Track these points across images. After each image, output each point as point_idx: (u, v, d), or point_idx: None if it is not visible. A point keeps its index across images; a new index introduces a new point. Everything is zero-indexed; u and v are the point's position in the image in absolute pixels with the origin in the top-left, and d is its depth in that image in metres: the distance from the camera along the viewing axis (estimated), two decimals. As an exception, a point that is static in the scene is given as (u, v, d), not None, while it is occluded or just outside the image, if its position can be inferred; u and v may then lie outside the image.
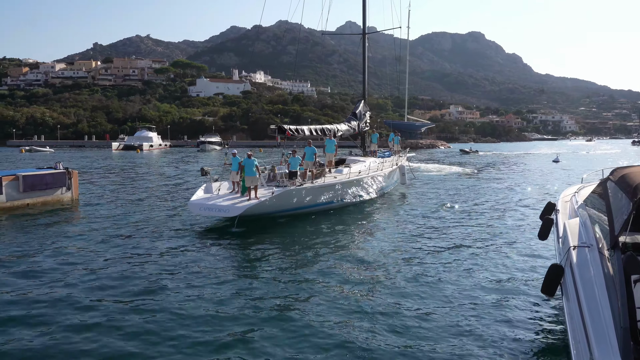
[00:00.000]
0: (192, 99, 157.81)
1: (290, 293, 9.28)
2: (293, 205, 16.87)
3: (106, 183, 30.02)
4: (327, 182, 18.26)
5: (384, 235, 14.80)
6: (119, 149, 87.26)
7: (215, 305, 8.56)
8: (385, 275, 10.48)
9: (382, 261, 11.62)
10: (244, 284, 9.87)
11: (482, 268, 11.10)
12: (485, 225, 16.26)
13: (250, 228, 15.11)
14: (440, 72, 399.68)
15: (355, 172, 20.17)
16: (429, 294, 9.33)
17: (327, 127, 23.07)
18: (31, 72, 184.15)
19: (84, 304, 8.69)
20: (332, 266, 11.14)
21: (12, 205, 18.94)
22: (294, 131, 20.10)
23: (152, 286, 9.61)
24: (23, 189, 19.36)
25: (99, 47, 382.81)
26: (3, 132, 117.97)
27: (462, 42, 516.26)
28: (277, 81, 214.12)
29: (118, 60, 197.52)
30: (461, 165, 49.16)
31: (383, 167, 22.92)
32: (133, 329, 7.61)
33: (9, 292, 9.35)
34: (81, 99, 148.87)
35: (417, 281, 10.08)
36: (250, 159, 16.36)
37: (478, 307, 8.65)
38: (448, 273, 10.66)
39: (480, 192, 25.87)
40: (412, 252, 12.56)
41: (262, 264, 11.43)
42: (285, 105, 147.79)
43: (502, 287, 9.76)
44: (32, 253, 12.36)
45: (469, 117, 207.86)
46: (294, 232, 15.13)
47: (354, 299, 8.99)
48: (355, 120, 26.10)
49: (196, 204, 15.81)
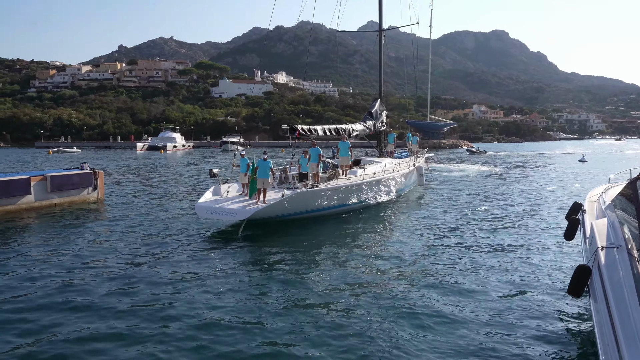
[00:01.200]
0: (214, 100, 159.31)
1: (300, 300, 8.93)
2: (304, 208, 16.19)
3: (131, 183, 30.48)
4: (340, 184, 17.65)
5: (400, 237, 14.48)
6: (143, 150, 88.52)
7: (214, 313, 8.30)
8: (403, 278, 10.28)
9: (400, 265, 11.36)
10: (248, 291, 9.52)
11: (506, 269, 10.94)
12: (508, 226, 16.02)
13: (259, 232, 14.72)
14: (463, 71, 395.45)
15: (370, 174, 19.54)
16: (452, 296, 9.21)
17: (342, 127, 22.23)
18: (58, 74, 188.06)
19: (98, 306, 8.84)
20: (344, 270, 10.88)
21: (41, 204, 19.38)
22: (307, 131, 19.37)
23: (157, 292, 9.38)
24: (51, 189, 19.79)
25: (124, 49, 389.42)
26: (32, 134, 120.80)
27: (485, 40, 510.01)
28: (299, 81, 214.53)
29: (142, 62, 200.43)
30: (484, 165, 48.56)
31: (399, 168, 22.28)
32: (135, 333, 7.65)
33: (29, 289, 9.57)
34: (106, 100, 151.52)
35: (438, 283, 9.95)
36: (266, 161, 15.96)
37: (503, 308, 8.53)
38: (470, 275, 10.51)
39: (503, 192, 25.47)
40: (431, 254, 12.33)
41: (270, 269, 11.08)
42: (307, 105, 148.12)
43: (527, 288, 9.60)
44: (56, 252, 12.61)
45: (492, 117, 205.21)
46: (304, 237, 14.55)
47: (371, 302, 8.86)
48: (371, 120, 25.30)
49: (203, 207, 15.38)
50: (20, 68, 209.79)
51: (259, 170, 15.77)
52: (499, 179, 33.25)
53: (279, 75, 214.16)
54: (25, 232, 15.20)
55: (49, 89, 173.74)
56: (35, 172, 21.01)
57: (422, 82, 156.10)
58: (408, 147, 29.89)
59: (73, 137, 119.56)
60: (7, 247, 13.12)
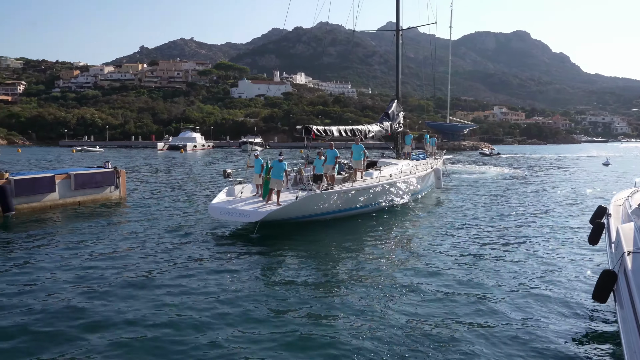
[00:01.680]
0: (234, 100, 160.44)
1: (315, 305, 8.72)
2: (318, 210, 15.86)
3: (151, 182, 30.85)
4: (355, 186, 17.25)
5: (416, 241, 14.20)
6: (164, 149, 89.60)
7: (225, 315, 8.21)
8: (418, 280, 10.12)
9: (415, 267, 11.12)
10: (261, 293, 9.35)
11: (528, 274, 10.78)
12: (529, 229, 15.75)
13: (272, 234, 14.45)
14: (484, 72, 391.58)
15: (386, 176, 19.15)
16: (472, 301, 9.08)
17: (358, 128, 21.73)
18: (82, 74, 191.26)
19: (113, 302, 8.97)
20: (358, 274, 10.64)
21: (65, 202, 19.73)
22: (322, 132, 18.94)
23: (168, 291, 9.37)
24: (74, 187, 20.14)
25: (145, 50, 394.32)
26: (56, 133, 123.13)
27: (506, 41, 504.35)
28: (318, 82, 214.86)
29: (163, 63, 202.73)
30: (503, 167, 48.03)
31: (416, 170, 21.91)
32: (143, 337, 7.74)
33: (55, 284, 9.76)
34: (128, 100, 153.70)
35: (457, 287, 9.82)
36: (281, 162, 15.71)
37: (525, 314, 8.41)
38: (490, 279, 10.33)
39: (523, 194, 25.10)
40: (449, 258, 12.05)
41: (283, 271, 10.91)
42: (325, 106, 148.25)
43: (551, 293, 9.45)
44: (80, 248, 12.83)
45: (513, 119, 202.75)
46: (318, 239, 14.23)
47: (386, 304, 8.79)
48: (387, 121, 24.71)
49: (216, 207, 15.22)
50: (45, 68, 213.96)
51: (273, 171, 15.58)
52: (519, 181, 32.81)
53: (297, 76, 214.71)
54: (50, 229, 15.49)
55: (72, 89, 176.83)
56: (59, 170, 21.39)
57: (441, 83, 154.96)
58: (426, 148, 29.31)
59: (96, 137, 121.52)
60: (33, 243, 13.39)
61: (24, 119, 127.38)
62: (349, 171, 18.85)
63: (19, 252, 12.43)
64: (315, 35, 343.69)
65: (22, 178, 18.35)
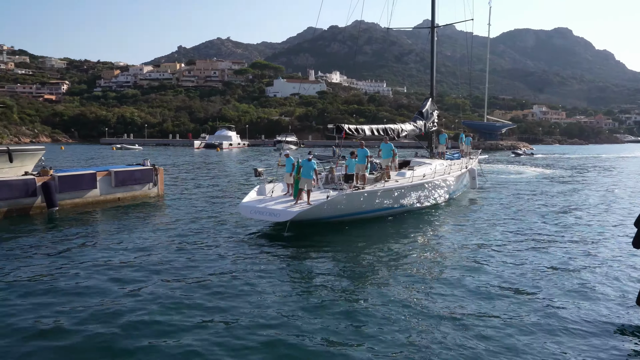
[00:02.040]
0: (269, 99, 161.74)
1: (342, 305, 8.62)
2: (349, 210, 15.68)
3: (188, 180, 31.41)
4: (388, 186, 16.92)
5: (449, 243, 13.78)
6: (200, 148, 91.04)
7: (253, 315, 8.17)
8: (452, 285, 9.85)
9: (449, 272, 10.78)
10: (289, 293, 9.29)
11: (569, 278, 10.45)
12: (569, 232, 15.30)
13: (303, 233, 14.39)
14: (523, 71, 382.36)
15: (419, 176, 18.77)
16: (511, 305, 8.88)
17: (391, 127, 21.21)
18: (122, 74, 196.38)
19: (145, 296, 9.14)
20: (389, 276, 10.40)
21: (105, 198, 20.30)
22: (353, 131, 18.51)
23: (200, 292, 9.31)
24: (115, 184, 20.69)
25: (183, 50, 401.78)
26: (97, 131, 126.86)
27: (547, 38, 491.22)
28: (353, 81, 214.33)
29: (200, 62, 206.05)
30: (541, 167, 46.80)
31: (451, 170, 21.38)
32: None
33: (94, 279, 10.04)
34: (166, 99, 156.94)
35: (495, 291, 9.61)
36: (310, 161, 15.61)
37: (567, 318, 8.17)
38: (530, 283, 10.08)
39: (562, 196, 24.34)
40: (484, 261, 11.66)
41: (312, 271, 10.77)
42: (360, 105, 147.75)
43: (593, 298, 9.15)
44: (118, 244, 13.18)
45: (553, 118, 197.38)
46: (349, 239, 14.10)
47: (417, 309, 8.62)
48: (421, 120, 24.18)
49: (247, 206, 15.22)
50: (87, 68, 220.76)
51: (303, 170, 15.45)
52: (557, 182, 31.86)
53: (332, 74, 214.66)
54: (92, 224, 15.96)
55: (113, 88, 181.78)
56: (100, 168, 22.02)
57: (479, 81, 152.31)
58: (461, 148, 28.61)
59: (135, 135, 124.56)
60: (75, 237, 13.83)
61: (67, 118, 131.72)
62: (381, 171, 18.56)
63: (62, 246, 12.85)
64: (350, 34, 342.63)
65: (65, 175, 18.98)
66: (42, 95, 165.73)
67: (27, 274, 10.41)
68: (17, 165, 19.15)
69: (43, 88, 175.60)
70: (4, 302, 8.77)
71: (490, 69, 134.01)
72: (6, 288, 9.48)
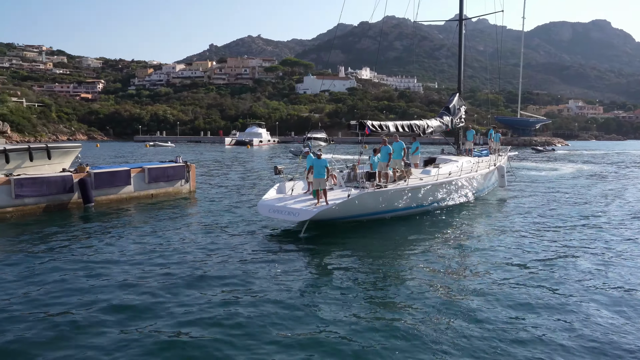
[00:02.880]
0: (299, 96, 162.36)
1: (360, 310, 8.21)
2: (371, 209, 15.09)
3: (219, 176, 31.79)
4: (411, 184, 16.17)
5: (476, 244, 13.07)
6: (231, 144, 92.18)
7: (267, 318, 7.86)
8: (483, 290, 9.26)
9: (477, 275, 10.24)
10: (309, 299, 8.78)
11: (605, 282, 10.06)
12: (603, 233, 14.52)
13: (322, 233, 13.87)
14: (559, 65, 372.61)
15: (444, 174, 18.00)
16: (542, 311, 8.62)
17: (416, 123, 20.37)
18: (155, 73, 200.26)
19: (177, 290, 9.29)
20: (411, 279, 9.87)
21: (139, 194, 20.73)
22: (377, 127, 17.64)
23: (211, 295, 8.97)
24: (148, 181, 21.10)
25: (214, 48, 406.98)
26: (131, 128, 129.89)
27: (584, 31, 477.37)
28: (383, 77, 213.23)
29: (231, 60, 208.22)
30: (580, 164, 45.56)
31: (478, 167, 20.53)
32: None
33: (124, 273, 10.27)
34: (198, 97, 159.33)
35: (527, 296, 9.28)
36: (320, 158, 14.77)
37: (605, 327, 7.93)
38: (565, 288, 9.65)
39: (594, 194, 23.18)
40: (513, 264, 11.01)
41: (331, 274, 10.34)
42: (390, 101, 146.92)
43: (629, 303, 8.84)
44: (151, 240, 13.44)
45: (590, 113, 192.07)
46: (370, 240, 13.44)
47: (445, 315, 8.11)
48: (448, 116, 23.32)
49: (265, 205, 14.72)
50: (122, 67, 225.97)
51: (314, 169, 14.64)
52: (593, 179, 30.81)
53: (362, 71, 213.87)
54: (126, 220, 16.33)
55: (146, 87, 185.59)
56: (134, 165, 22.47)
57: (512, 76, 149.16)
58: (489, 144, 27.60)
59: (167, 132, 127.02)
60: (110, 233, 14.18)
61: (103, 116, 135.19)
62: (405, 168, 17.87)
63: (98, 242, 13.18)
64: (380, 30, 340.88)
65: (101, 171, 19.46)
66: (78, 94, 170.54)
67: (67, 265, 10.73)
68: (55, 162, 19.74)
69: (80, 87, 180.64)
70: (47, 293, 9.05)
71: (525, 64, 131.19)
72: (49, 279, 9.79)
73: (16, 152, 18.64)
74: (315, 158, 14.89)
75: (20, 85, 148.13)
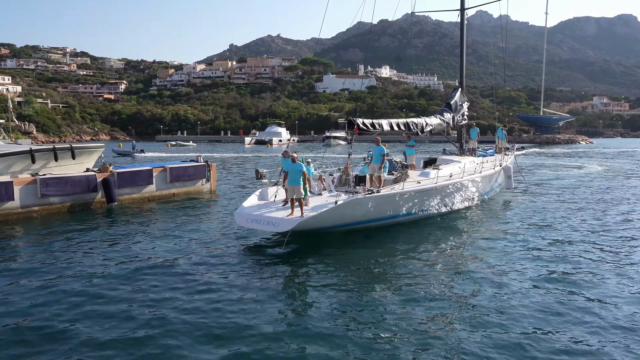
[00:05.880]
0: (318, 95, 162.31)
1: (349, 335, 7.28)
2: (361, 217, 13.59)
3: (239, 175, 31.98)
4: (407, 188, 14.73)
5: (478, 252, 11.94)
6: (251, 144, 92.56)
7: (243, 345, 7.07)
8: (488, 307, 8.32)
9: (480, 289, 9.25)
10: (285, 320, 7.90)
11: (622, 290, 9.87)
12: (617, 239, 13.46)
13: (306, 245, 12.54)
14: (583, 61, 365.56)
15: (444, 176, 16.55)
16: (553, 317, 8.50)
17: (414, 121, 18.78)
18: (176, 73, 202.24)
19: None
20: (407, 298, 8.79)
21: (161, 194, 20.97)
22: (369, 126, 15.96)
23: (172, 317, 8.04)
24: (170, 180, 21.33)
25: (234, 48, 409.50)
26: (153, 128, 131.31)
27: (609, 26, 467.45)
28: (403, 75, 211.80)
29: (251, 60, 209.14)
30: (595, 163, 44.65)
31: (482, 168, 19.04)
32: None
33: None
34: (218, 97, 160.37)
35: (538, 306, 8.97)
36: (295, 162, 13.07)
37: (624, 332, 7.75)
38: (575, 296, 9.43)
39: (607, 198, 21.51)
40: (519, 274, 10.14)
41: (315, 294, 9.07)
42: (410, 99, 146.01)
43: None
44: (171, 239, 13.59)
45: (615, 110, 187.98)
46: (360, 253, 11.98)
47: (447, 335, 7.30)
48: (449, 113, 21.70)
49: (242, 214, 13.22)
50: (144, 68, 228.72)
51: (289, 175, 12.99)
52: (605, 180, 29.14)
53: (382, 69, 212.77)
54: (148, 219, 16.55)
55: (168, 87, 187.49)
56: (156, 164, 22.74)
57: (534, 73, 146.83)
58: (496, 143, 25.81)
59: (188, 132, 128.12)
60: (133, 231, 14.40)
61: (125, 116, 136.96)
62: (401, 171, 16.68)
63: (122, 240, 13.40)
64: (400, 28, 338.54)
65: (124, 171, 19.75)
66: (101, 95, 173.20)
67: (92, 261, 10.93)
68: (79, 162, 20.08)
69: (103, 88, 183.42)
70: (71, 290, 9.22)
71: (548, 60, 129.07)
72: (74, 275, 9.97)
73: (42, 152, 19.02)
74: (290, 162, 13.20)
75: (45, 87, 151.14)
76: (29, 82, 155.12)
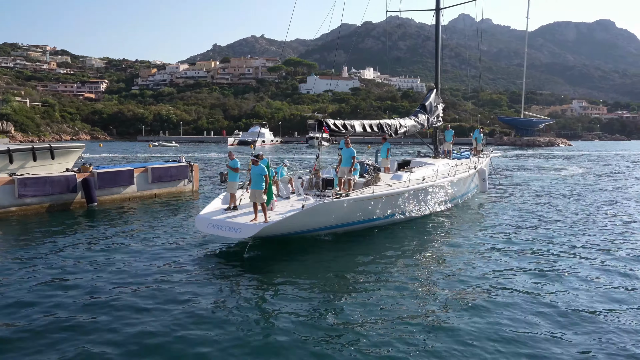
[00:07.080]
0: (302, 96, 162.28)
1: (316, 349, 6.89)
2: (329, 222, 12.94)
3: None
4: (377, 192, 14.12)
5: (450, 258, 11.57)
6: (234, 145, 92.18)
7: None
8: (451, 320, 7.83)
9: (447, 298, 8.89)
10: (247, 335, 7.35)
11: (603, 291, 10.01)
12: (596, 241, 13.53)
13: (269, 252, 11.92)
14: (562, 65, 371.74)
15: (417, 179, 16.17)
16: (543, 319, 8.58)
17: (387, 123, 18.44)
18: (158, 73, 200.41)
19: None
20: (376, 306, 8.42)
21: (142, 194, 20.76)
22: (340, 127, 15.48)
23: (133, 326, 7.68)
24: (151, 180, 21.13)
25: (218, 48, 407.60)
26: (134, 128, 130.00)
27: (588, 31, 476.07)
28: (386, 77, 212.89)
29: (235, 60, 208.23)
30: (577, 167, 45.40)
31: (456, 171, 18.67)
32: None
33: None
34: (201, 97, 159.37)
35: (509, 310, 9.02)
36: (259, 165, 12.30)
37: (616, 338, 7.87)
38: (545, 291, 9.52)
39: (586, 198, 22.10)
40: (491, 279, 9.91)
41: (278, 306, 8.46)
42: (394, 101, 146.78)
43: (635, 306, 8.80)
44: (151, 239, 13.46)
45: (594, 113, 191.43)
46: (326, 260, 11.42)
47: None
48: (424, 114, 21.43)
49: (203, 219, 12.58)
50: (126, 67, 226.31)
51: (252, 178, 12.30)
52: (585, 181, 30.12)
53: (366, 71, 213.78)
54: (129, 219, 16.36)
55: (150, 87, 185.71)
56: (137, 164, 22.51)
57: (516, 76, 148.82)
58: (473, 146, 25.54)
59: (170, 132, 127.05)
60: (113, 232, 14.22)
61: (106, 116, 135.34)
62: (373, 173, 16.28)
63: (100, 241, 13.21)
64: (384, 30, 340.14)
65: (104, 171, 19.50)
66: (82, 94, 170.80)
67: (70, 264, 10.76)
68: (59, 162, 19.79)
69: (83, 87, 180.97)
70: (51, 295, 9.07)
71: (528, 64, 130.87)
72: (51, 279, 9.81)
73: (20, 152, 18.71)
74: (252, 164, 12.44)
75: (24, 85, 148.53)
76: (7, 80, 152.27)
